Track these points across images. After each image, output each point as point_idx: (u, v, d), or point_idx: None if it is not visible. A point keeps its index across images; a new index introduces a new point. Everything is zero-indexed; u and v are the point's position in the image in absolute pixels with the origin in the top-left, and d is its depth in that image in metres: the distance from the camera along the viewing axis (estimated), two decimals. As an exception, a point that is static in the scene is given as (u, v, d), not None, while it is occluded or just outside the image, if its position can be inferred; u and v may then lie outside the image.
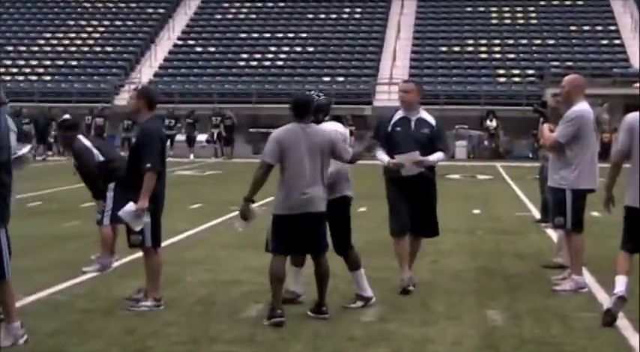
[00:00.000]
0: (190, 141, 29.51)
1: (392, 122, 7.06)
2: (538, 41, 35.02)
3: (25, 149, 5.86)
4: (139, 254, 6.84)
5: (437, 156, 6.99)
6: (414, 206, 7.03)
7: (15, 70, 34.95)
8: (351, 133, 30.40)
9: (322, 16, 37.87)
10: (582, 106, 7.11)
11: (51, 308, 6.45)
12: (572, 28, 35.73)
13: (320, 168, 6.08)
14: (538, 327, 5.98)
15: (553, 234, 9.27)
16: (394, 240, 7.17)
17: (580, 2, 37.41)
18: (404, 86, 7.19)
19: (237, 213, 6.38)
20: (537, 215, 11.94)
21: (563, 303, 6.68)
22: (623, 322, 6.03)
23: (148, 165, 6.34)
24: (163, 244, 9.35)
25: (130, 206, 6.33)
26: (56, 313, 6.28)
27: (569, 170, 7.07)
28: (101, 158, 7.89)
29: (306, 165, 6.02)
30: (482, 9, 37.35)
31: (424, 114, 7.11)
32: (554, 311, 6.42)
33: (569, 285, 7.13)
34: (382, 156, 7.03)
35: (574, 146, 7.05)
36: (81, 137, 8.04)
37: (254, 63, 34.84)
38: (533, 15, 36.79)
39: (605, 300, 6.74)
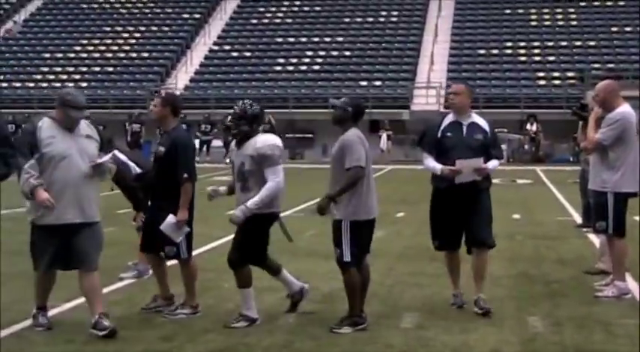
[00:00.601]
0: (228, 146, 29.56)
1: (442, 127, 6.55)
2: (578, 43, 34.59)
3: (106, 157, 5.88)
4: (175, 260, 6.83)
5: (493, 165, 6.53)
6: (467, 218, 6.48)
7: (52, 77, 35.40)
8: (389, 137, 30.37)
9: (359, 19, 37.84)
10: (625, 108, 7.01)
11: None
12: (614, 29, 35.36)
13: None
14: (580, 334, 5.87)
15: (595, 240, 9.10)
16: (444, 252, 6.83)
17: (621, 2, 36.92)
18: (454, 88, 6.70)
19: (315, 205, 6.21)
20: (579, 219, 11.75)
21: (605, 310, 6.57)
22: None
23: (185, 175, 6.32)
24: (200, 251, 9.44)
25: (171, 218, 6.30)
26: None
27: (611, 173, 6.95)
28: (138, 170, 7.88)
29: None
30: (521, 10, 37.05)
31: (477, 118, 6.62)
32: (596, 317, 6.32)
33: (611, 292, 6.99)
34: (432, 164, 6.52)
35: (617, 148, 6.94)
36: (116, 153, 8.04)
37: (290, 67, 34.91)
38: (574, 16, 36.44)
39: None
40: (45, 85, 34.92)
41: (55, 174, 5.65)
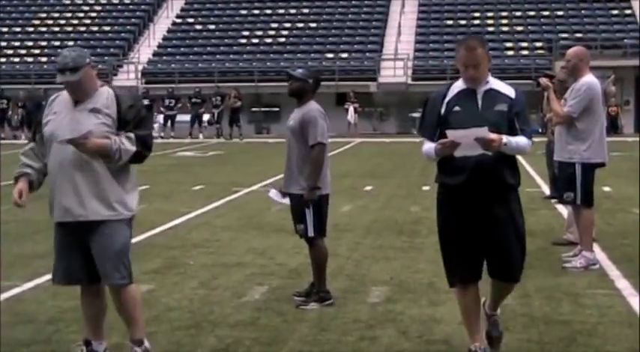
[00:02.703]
0: (198, 121, 29.30)
1: (447, 100, 4.55)
2: (546, 12, 34.60)
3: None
4: (142, 236, 6.68)
5: (518, 142, 4.46)
6: (492, 238, 4.52)
7: (10, 52, 34.71)
8: (355, 110, 30.23)
9: (325, -9, 37.49)
10: (590, 78, 6.98)
11: (50, 294, 6.30)
12: (582, -2, 35.31)
13: None
14: (548, 305, 5.85)
15: (563, 211, 9.09)
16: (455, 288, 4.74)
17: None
18: (467, 43, 4.52)
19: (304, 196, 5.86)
20: (547, 191, 11.75)
21: (573, 281, 6.56)
22: (634, 299, 5.96)
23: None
24: (164, 227, 9.45)
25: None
26: (54, 300, 6.14)
27: (578, 143, 6.93)
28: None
29: None
30: (489, -20, 36.91)
31: (497, 83, 4.61)
32: (564, 289, 6.31)
33: (579, 262, 6.98)
34: (428, 148, 4.52)
35: (584, 119, 6.91)
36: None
37: (255, 40, 34.62)
38: (542, -15, 36.38)
39: (617, 277, 6.62)
40: (3, 60, 34.17)
41: (49, 159, 4.46)
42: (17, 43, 35.43)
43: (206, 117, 29.65)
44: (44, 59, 33.93)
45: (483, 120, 4.42)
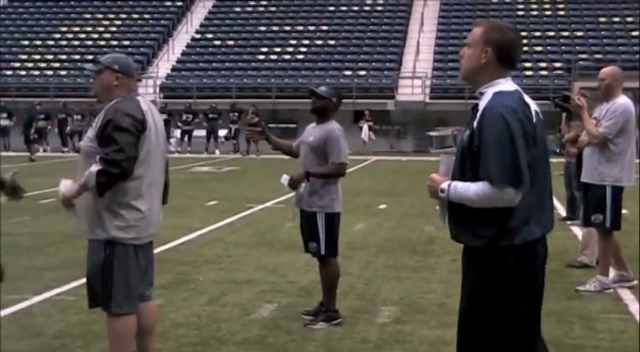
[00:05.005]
0: (214, 136, 29.30)
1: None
2: (566, 33, 34.48)
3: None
4: (154, 251, 6.59)
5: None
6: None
7: (31, 65, 34.93)
8: (370, 128, 30.12)
9: (344, 8, 37.44)
10: (625, 100, 6.86)
11: (58, 308, 6.29)
12: (602, 19, 35.14)
13: None
14: (559, 329, 5.74)
15: (578, 232, 8.99)
16: None
17: (609, -8, 36.85)
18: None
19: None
20: (563, 212, 11.62)
21: (586, 304, 6.46)
22: None
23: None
24: (176, 242, 9.40)
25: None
26: (63, 314, 6.12)
27: (610, 165, 6.79)
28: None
29: None
30: (508, 0, 36.79)
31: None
32: (577, 312, 6.21)
33: (593, 286, 6.88)
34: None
35: (618, 140, 6.78)
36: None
37: (274, 56, 34.54)
38: (561, 6, 36.22)
39: (631, 301, 6.54)
40: (23, 73, 34.45)
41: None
42: (37, 56, 35.62)
43: (222, 132, 29.64)
44: (64, 73, 34.13)
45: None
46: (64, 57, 35.58)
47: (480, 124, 3.11)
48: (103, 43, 36.25)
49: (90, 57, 35.39)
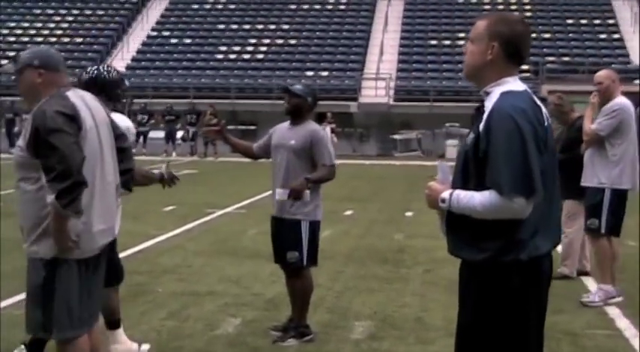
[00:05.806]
0: (172, 138, 28.33)
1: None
2: (533, 35, 33.76)
3: None
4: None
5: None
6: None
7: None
8: (332, 131, 29.20)
9: (305, 6, 36.85)
10: (622, 99, 6.71)
11: (5, 323, 5.55)
12: (569, 21, 34.91)
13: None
14: (546, 346, 4.82)
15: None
16: None
17: (576, -6, 36.53)
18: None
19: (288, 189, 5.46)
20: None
21: (571, 320, 6.14)
22: (636, 340, 5.61)
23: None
24: (132, 250, 8.66)
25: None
26: (11, 330, 5.30)
27: (609, 167, 6.62)
28: None
29: None
30: (474, 0, 36.35)
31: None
32: (562, 327, 5.87)
33: (598, 296, 6.65)
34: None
35: (616, 141, 6.61)
36: None
37: (233, 56, 33.82)
38: (528, 7, 35.87)
39: (617, 316, 6.28)
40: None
41: None
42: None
43: (179, 133, 28.62)
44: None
45: None
46: (12, 54, 34.04)
47: (487, 127, 2.88)
48: (53, 39, 35.16)
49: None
